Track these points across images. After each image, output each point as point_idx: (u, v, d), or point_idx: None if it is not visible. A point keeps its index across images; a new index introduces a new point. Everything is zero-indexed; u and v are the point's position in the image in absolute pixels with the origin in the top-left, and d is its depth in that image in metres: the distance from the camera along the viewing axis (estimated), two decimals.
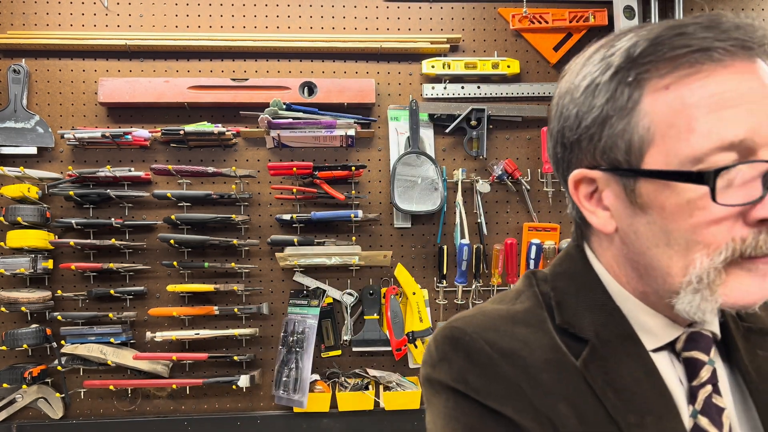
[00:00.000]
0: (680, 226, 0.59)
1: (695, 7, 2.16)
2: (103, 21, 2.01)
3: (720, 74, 0.57)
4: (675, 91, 0.58)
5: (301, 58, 2.06)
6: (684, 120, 0.57)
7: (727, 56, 0.57)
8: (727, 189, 0.57)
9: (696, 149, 0.56)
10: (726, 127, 0.56)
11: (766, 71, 0.58)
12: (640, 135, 0.60)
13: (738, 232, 0.57)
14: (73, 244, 1.88)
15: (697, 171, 0.57)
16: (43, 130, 1.96)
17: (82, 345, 1.90)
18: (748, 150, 0.56)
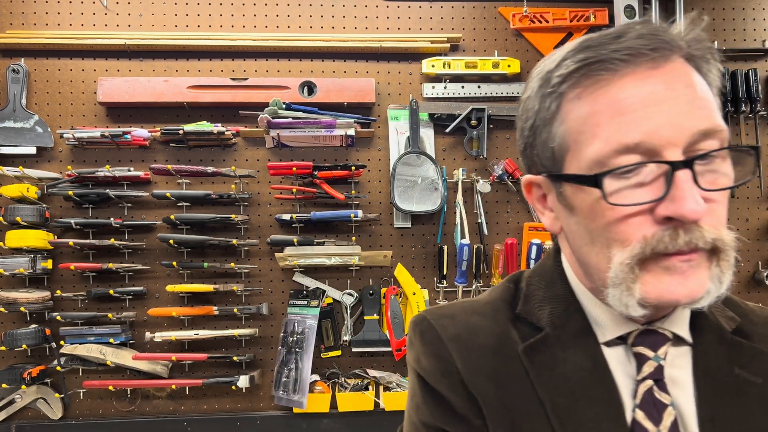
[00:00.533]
0: (597, 225, 0.62)
1: (696, 6, 2.15)
2: (103, 20, 2.01)
3: (620, 82, 0.60)
4: (584, 100, 0.62)
5: (301, 57, 2.05)
6: (590, 127, 0.61)
7: (627, 65, 0.60)
8: (633, 189, 0.59)
9: (599, 153, 0.60)
10: (624, 131, 0.59)
11: (673, 73, 0.60)
12: (558, 142, 0.65)
13: (649, 229, 0.59)
14: (73, 244, 1.87)
15: (592, 174, 0.61)
16: (42, 129, 1.96)
17: (82, 345, 1.90)
18: (650, 151, 0.58)
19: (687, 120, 0.58)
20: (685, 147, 0.58)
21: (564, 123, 0.64)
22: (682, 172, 0.57)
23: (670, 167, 0.58)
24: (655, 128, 0.58)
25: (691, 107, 0.59)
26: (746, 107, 2.08)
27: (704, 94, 0.61)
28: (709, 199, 0.59)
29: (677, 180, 0.57)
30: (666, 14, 2.12)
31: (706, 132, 0.59)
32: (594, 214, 0.63)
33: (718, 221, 0.60)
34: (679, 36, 0.62)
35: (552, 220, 0.71)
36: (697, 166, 0.58)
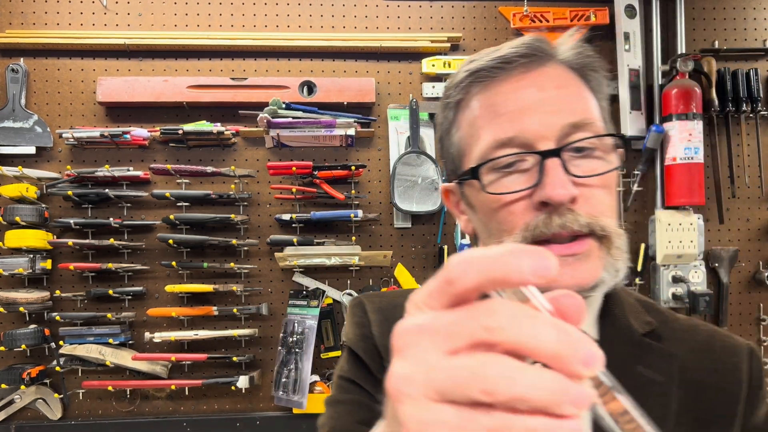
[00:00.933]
0: (490, 218, 0.69)
1: (696, 5, 2.15)
2: (102, 20, 2.00)
3: (497, 88, 0.68)
4: (470, 107, 0.70)
5: (301, 57, 2.05)
6: (475, 130, 0.69)
7: (502, 72, 0.68)
8: (513, 180, 0.66)
9: (481, 151, 0.67)
10: (499, 129, 0.66)
11: (544, 76, 0.67)
12: (456, 148, 0.73)
13: (529, 216, 0.65)
14: (72, 244, 1.87)
15: (471, 168, 0.69)
16: (41, 129, 1.95)
17: (81, 345, 1.89)
18: (525, 145, 0.65)
19: (556, 115, 0.65)
20: (558, 139, 0.65)
21: (459, 130, 0.72)
22: (550, 160, 0.63)
23: (540, 156, 0.64)
24: (527, 124, 0.65)
25: (561, 105, 0.66)
26: (747, 107, 2.07)
27: (578, 93, 0.68)
28: (584, 185, 0.65)
29: (546, 167, 0.63)
30: (667, 14, 2.12)
31: (575, 125, 0.65)
32: (485, 207, 0.69)
33: (595, 207, 0.65)
34: (552, 46, 0.70)
35: (465, 222, 0.77)
36: (569, 156, 0.65)
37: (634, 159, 2.11)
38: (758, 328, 2.14)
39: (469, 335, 0.29)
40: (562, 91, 0.67)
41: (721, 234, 2.13)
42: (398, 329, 0.32)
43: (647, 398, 0.67)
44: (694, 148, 1.97)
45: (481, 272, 0.29)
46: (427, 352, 0.30)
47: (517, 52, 0.68)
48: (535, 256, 0.29)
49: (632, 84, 2.05)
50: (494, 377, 0.28)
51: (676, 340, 0.73)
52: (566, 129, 0.65)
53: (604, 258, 0.65)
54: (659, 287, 2.04)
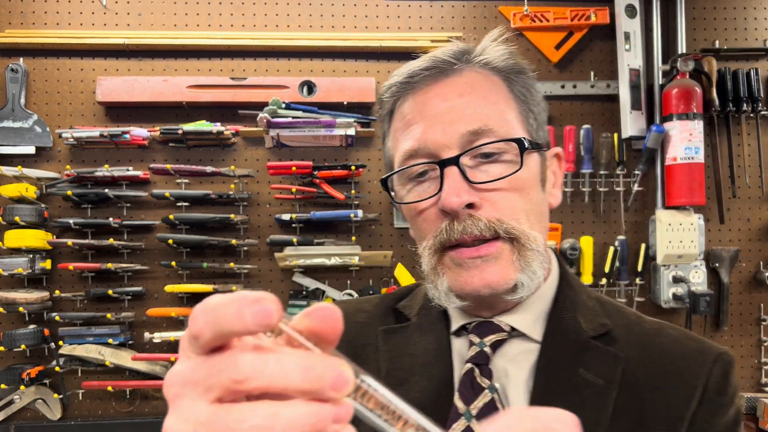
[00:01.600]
0: (412, 225, 0.74)
1: (696, 5, 2.15)
2: (102, 20, 2.00)
3: (408, 101, 0.72)
4: (393, 120, 0.75)
5: (301, 57, 2.04)
6: (395, 141, 0.74)
7: (411, 86, 0.72)
8: (423, 189, 0.69)
9: (397, 161, 0.72)
10: (408, 140, 0.69)
11: (448, 87, 0.70)
12: (387, 160, 0.78)
13: (437, 223, 0.68)
14: (71, 244, 1.86)
15: (381, 179, 0.74)
16: (41, 129, 1.95)
17: (81, 346, 1.89)
18: (430, 155, 0.68)
19: (456, 124, 0.67)
20: (461, 147, 0.67)
21: (387, 142, 0.77)
22: (448, 168, 0.66)
23: (439, 166, 0.67)
24: (430, 134, 0.68)
25: (463, 113, 0.67)
26: (748, 107, 2.07)
27: (484, 99, 0.69)
28: (489, 190, 0.66)
29: (444, 176, 0.66)
30: (667, 13, 2.11)
31: (476, 132, 0.66)
32: (407, 216, 0.74)
33: (501, 210, 0.66)
34: (464, 55, 0.72)
35: (411, 231, 0.80)
36: (474, 162, 0.67)
37: (635, 159, 2.10)
38: (759, 328, 2.14)
39: (224, 387, 0.31)
40: (465, 99, 0.68)
41: (722, 234, 2.13)
42: (167, 379, 0.34)
43: (583, 400, 0.66)
44: (695, 148, 1.96)
45: (213, 326, 0.31)
46: (194, 403, 0.32)
47: (420, 66, 0.72)
48: (254, 305, 0.30)
49: (633, 84, 2.04)
50: (256, 426, 0.30)
51: (632, 343, 0.71)
52: (467, 137, 0.67)
53: (516, 260, 0.66)
54: (660, 287, 2.04)
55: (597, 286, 2.07)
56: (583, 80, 2.11)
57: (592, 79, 2.11)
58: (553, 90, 2.08)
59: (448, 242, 0.67)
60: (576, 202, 2.09)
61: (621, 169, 2.06)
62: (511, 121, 0.69)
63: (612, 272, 2.05)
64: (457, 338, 0.75)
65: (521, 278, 0.67)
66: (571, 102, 2.12)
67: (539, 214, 0.70)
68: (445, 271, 0.70)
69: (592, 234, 2.09)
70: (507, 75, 0.72)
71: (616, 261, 2.05)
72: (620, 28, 2.06)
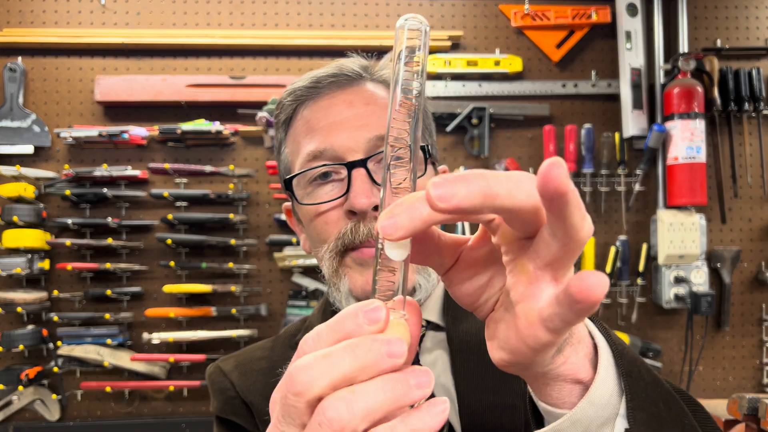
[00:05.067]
0: (312, 230, 0.74)
1: (698, 4, 2.14)
2: (100, 19, 1.99)
3: (312, 106, 0.74)
4: (294, 125, 0.76)
5: (300, 55, 2.03)
6: (296, 145, 0.75)
7: (315, 91, 0.74)
8: (327, 191, 0.70)
9: (299, 164, 0.73)
10: (313, 143, 0.71)
11: (354, 95, 0.73)
12: (285, 165, 0.78)
13: (342, 225, 0.69)
14: (70, 245, 1.86)
15: (285, 179, 0.74)
16: (39, 128, 1.94)
17: (79, 346, 1.88)
18: (335, 158, 0.70)
19: (362, 130, 0.70)
20: (366, 151, 0.69)
21: (286, 147, 0.78)
22: (356, 170, 0.68)
23: (347, 168, 0.68)
24: (336, 138, 0.70)
25: (369, 120, 0.71)
26: (749, 106, 2.06)
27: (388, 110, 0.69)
28: (393, 194, 0.64)
29: (352, 178, 0.68)
30: (668, 12, 2.10)
31: (382, 137, 0.69)
32: (306, 218, 0.74)
33: None
34: (366, 68, 0.77)
35: (304, 240, 0.80)
36: (377, 166, 0.69)
37: (636, 158, 2.09)
38: (760, 328, 2.13)
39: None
40: (371, 108, 0.72)
41: (724, 234, 2.12)
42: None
43: (493, 372, 0.70)
44: (696, 148, 1.95)
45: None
46: None
47: (327, 72, 0.75)
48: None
49: (634, 83, 2.03)
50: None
51: None
52: (373, 141, 0.70)
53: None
54: (661, 287, 2.03)
55: None
56: (584, 79, 2.10)
57: (593, 79, 2.10)
58: (554, 89, 2.07)
59: (353, 244, 0.68)
60: None
61: (622, 168, 2.05)
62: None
63: (613, 272, 2.05)
64: None
65: (419, 280, 0.71)
66: (572, 101, 2.11)
67: None
68: (347, 272, 0.70)
69: (594, 234, 2.07)
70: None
71: (618, 261, 2.04)
72: (621, 27, 2.05)
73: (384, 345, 0.33)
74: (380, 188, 0.64)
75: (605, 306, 2.08)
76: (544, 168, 0.31)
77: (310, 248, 0.79)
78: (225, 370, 0.80)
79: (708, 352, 2.11)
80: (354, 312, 0.35)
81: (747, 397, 1.37)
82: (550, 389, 0.43)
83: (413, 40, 0.36)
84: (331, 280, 0.72)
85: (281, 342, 0.83)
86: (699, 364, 2.09)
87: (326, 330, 0.35)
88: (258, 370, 0.79)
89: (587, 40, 2.11)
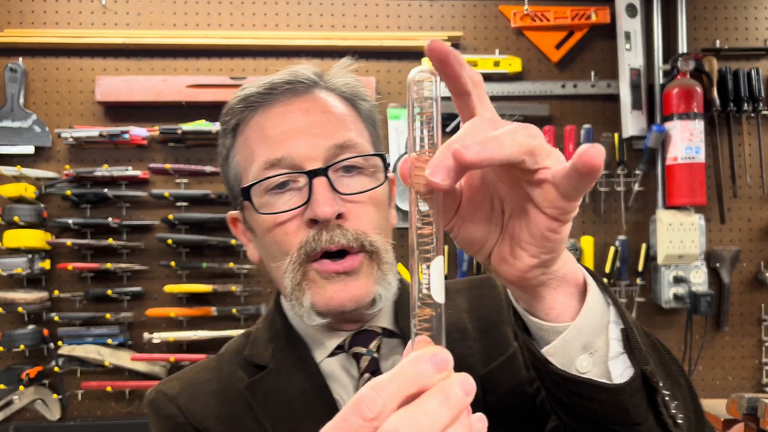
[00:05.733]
0: (269, 241, 0.71)
1: (697, 5, 2.14)
2: (101, 19, 2.00)
3: (266, 113, 0.72)
4: (245, 132, 0.73)
5: (301, 56, 2.03)
6: (249, 153, 0.72)
7: (270, 97, 0.72)
8: (286, 200, 0.69)
9: (254, 173, 0.70)
10: (269, 151, 0.69)
11: (310, 102, 0.72)
12: (234, 172, 0.75)
13: (303, 234, 0.68)
14: (70, 245, 1.86)
15: (243, 188, 0.70)
16: (40, 129, 1.94)
17: (80, 346, 1.89)
18: (294, 166, 0.68)
19: (321, 138, 0.69)
20: (325, 160, 0.68)
21: (236, 154, 0.75)
22: (317, 179, 0.67)
23: (307, 176, 0.67)
24: (294, 146, 0.68)
25: (326, 128, 0.70)
26: (748, 106, 2.07)
27: (343, 117, 0.72)
28: (353, 202, 0.69)
29: (314, 186, 0.67)
30: (668, 13, 2.11)
31: (341, 146, 0.69)
32: (262, 229, 0.71)
33: (364, 223, 0.69)
34: (320, 76, 0.75)
35: (252, 250, 0.78)
36: (337, 175, 0.69)
37: (636, 159, 2.10)
38: (759, 328, 2.13)
39: None
40: (327, 116, 0.71)
41: (723, 234, 2.13)
42: None
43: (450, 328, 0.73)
44: (696, 148, 1.96)
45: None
46: None
47: (282, 79, 0.73)
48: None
49: (633, 83, 2.04)
50: None
51: (457, 294, 0.81)
52: (332, 150, 0.69)
53: (374, 273, 0.69)
54: (660, 287, 2.03)
55: None
56: (584, 80, 2.10)
57: (592, 79, 2.10)
58: (553, 89, 2.08)
59: (314, 252, 0.67)
60: None
61: (622, 168, 2.06)
62: (366, 142, 0.74)
63: (613, 272, 2.05)
64: (335, 359, 0.74)
65: (379, 291, 0.70)
66: (572, 102, 2.11)
67: (388, 230, 0.75)
68: (310, 287, 0.69)
69: (593, 234, 2.08)
70: (355, 101, 0.76)
71: (617, 261, 2.05)
72: (621, 27, 2.06)
73: (462, 386, 0.36)
74: (342, 196, 0.68)
75: None
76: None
77: (260, 259, 0.77)
78: (170, 394, 0.74)
79: (707, 351, 2.11)
80: (421, 360, 0.36)
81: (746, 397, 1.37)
82: (557, 294, 0.49)
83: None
84: (294, 293, 0.69)
85: (227, 360, 0.78)
86: (698, 363, 2.10)
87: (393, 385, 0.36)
88: (208, 393, 0.74)
89: (587, 41, 2.12)
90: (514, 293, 0.53)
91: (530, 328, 0.52)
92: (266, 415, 0.70)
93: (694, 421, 0.55)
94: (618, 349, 0.50)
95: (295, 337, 0.75)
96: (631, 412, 0.49)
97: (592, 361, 0.50)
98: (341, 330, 0.74)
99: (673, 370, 0.55)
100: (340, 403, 0.71)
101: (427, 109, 0.39)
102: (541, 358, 0.50)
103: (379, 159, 0.72)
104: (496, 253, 0.49)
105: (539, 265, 0.46)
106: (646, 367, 0.49)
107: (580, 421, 0.54)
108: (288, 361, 0.74)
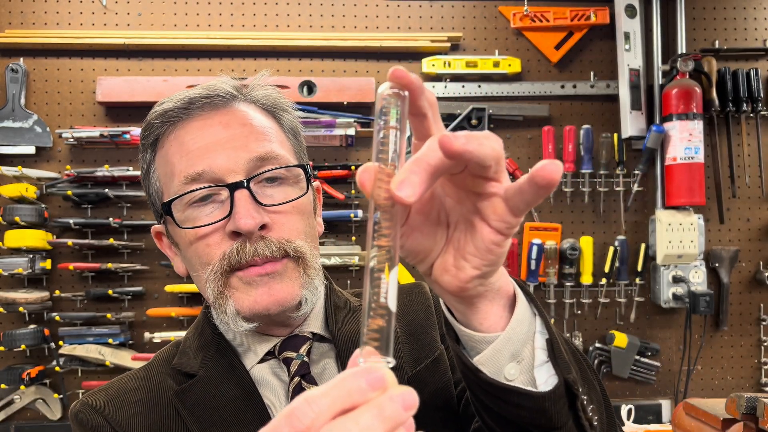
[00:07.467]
0: (191, 253, 0.72)
1: (697, 5, 2.15)
2: (102, 20, 2.00)
3: (186, 127, 0.72)
4: (165, 147, 0.73)
5: (301, 56, 2.04)
6: (169, 167, 0.72)
7: (189, 112, 0.72)
8: (208, 213, 0.69)
9: (175, 187, 0.70)
10: (189, 165, 0.69)
11: (229, 115, 0.72)
12: (156, 188, 0.75)
13: (226, 246, 0.68)
14: (71, 244, 1.87)
15: (163, 203, 0.72)
16: (41, 129, 1.95)
17: (81, 346, 1.89)
18: (215, 179, 0.69)
19: (242, 151, 0.69)
20: (247, 172, 0.69)
21: (157, 170, 0.75)
22: (239, 191, 0.68)
23: (229, 189, 0.68)
24: (214, 160, 0.69)
25: (247, 140, 0.70)
26: (747, 107, 2.07)
27: (263, 129, 0.73)
28: (277, 212, 0.70)
29: (235, 199, 0.68)
30: (667, 13, 2.11)
31: (261, 158, 0.70)
32: (185, 242, 0.72)
33: (288, 231, 0.70)
34: (239, 89, 0.75)
35: (178, 263, 0.78)
36: (260, 186, 0.70)
37: (635, 159, 2.11)
38: (759, 328, 2.14)
39: None
40: (248, 128, 0.72)
41: (722, 234, 2.13)
42: None
43: None
44: (695, 148, 1.96)
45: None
46: None
47: (200, 93, 0.73)
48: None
49: (632, 84, 2.04)
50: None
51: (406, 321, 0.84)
52: (253, 162, 0.70)
53: (300, 276, 0.71)
54: (659, 287, 2.04)
55: (597, 286, 2.07)
56: (583, 80, 2.11)
57: (592, 79, 2.11)
58: (552, 90, 2.08)
59: (239, 264, 0.68)
60: (576, 202, 2.09)
61: (621, 169, 2.06)
62: (289, 153, 0.75)
63: (612, 272, 2.05)
64: (266, 365, 0.75)
65: (305, 294, 0.71)
66: (571, 102, 2.12)
67: (315, 237, 0.76)
68: (233, 293, 0.70)
69: (592, 234, 2.09)
70: (276, 113, 0.77)
71: (616, 261, 2.05)
72: (620, 28, 2.06)
73: (402, 401, 0.36)
74: (266, 207, 0.69)
75: (604, 306, 2.09)
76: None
77: (185, 271, 0.77)
78: (95, 406, 0.73)
79: (706, 351, 2.12)
80: (357, 376, 0.36)
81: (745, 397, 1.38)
82: (492, 306, 0.52)
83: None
84: (217, 302, 0.70)
85: (156, 369, 0.78)
86: (697, 363, 2.10)
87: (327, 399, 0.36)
88: (135, 402, 0.74)
89: (586, 41, 2.12)
90: (449, 304, 0.54)
91: (461, 338, 0.54)
92: (196, 422, 0.71)
93: (606, 422, 0.58)
94: (543, 357, 0.53)
95: (224, 346, 0.76)
96: (553, 417, 0.52)
97: (519, 369, 0.53)
98: (272, 336, 0.75)
99: (589, 375, 0.58)
100: (271, 408, 0.72)
101: (393, 123, 0.41)
102: (471, 368, 0.52)
103: (301, 170, 0.74)
104: (439, 263, 0.51)
105: (480, 276, 0.49)
106: (569, 375, 0.52)
107: (504, 425, 0.55)
108: (218, 368, 0.74)
